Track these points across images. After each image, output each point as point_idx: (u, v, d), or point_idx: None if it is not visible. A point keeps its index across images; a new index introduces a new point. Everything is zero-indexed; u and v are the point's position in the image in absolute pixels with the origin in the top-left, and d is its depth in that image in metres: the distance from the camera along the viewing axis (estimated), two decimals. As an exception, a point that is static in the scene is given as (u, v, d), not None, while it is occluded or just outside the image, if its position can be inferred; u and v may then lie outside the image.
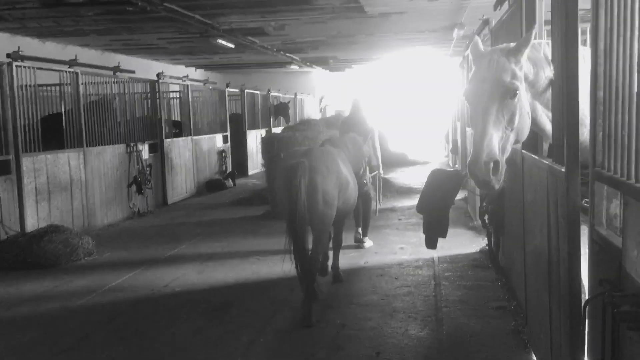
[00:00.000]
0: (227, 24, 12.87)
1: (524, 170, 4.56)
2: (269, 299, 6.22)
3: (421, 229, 5.93)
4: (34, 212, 8.84)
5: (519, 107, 3.57)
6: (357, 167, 6.95)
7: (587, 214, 3.01)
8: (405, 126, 27.39)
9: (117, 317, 5.88)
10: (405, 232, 9.21)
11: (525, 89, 3.66)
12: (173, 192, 13.40)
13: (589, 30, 2.88)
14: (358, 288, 6.52)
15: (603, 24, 2.69)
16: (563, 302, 3.28)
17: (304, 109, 27.47)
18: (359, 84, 27.90)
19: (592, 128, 2.87)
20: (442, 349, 4.87)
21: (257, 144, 18.06)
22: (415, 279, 6.75)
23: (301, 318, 5.46)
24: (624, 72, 2.48)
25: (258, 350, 4.95)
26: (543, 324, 4.00)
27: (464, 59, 11.07)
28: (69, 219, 9.52)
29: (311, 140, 10.85)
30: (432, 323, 5.39)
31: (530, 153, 4.34)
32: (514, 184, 5.03)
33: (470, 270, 6.97)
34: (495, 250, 6.47)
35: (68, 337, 5.36)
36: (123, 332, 5.48)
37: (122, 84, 11.70)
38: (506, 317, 5.43)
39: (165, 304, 6.26)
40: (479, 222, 7.44)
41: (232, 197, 13.70)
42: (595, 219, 2.89)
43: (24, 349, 5.18)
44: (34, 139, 8.85)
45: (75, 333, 5.48)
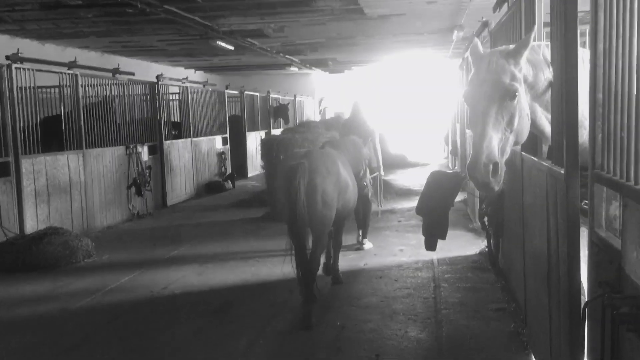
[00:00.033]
0: (226, 26, 12.87)
1: (524, 172, 4.56)
2: (269, 301, 6.22)
3: (421, 230, 5.94)
4: (33, 214, 8.84)
5: (519, 109, 3.57)
6: (357, 169, 6.98)
7: (587, 215, 3.01)
8: (404, 128, 27.37)
9: (117, 319, 5.88)
10: (405, 234, 9.20)
11: (524, 91, 3.66)
12: (172, 194, 13.40)
13: (588, 32, 2.88)
14: (357, 290, 6.52)
15: (602, 26, 2.69)
16: (563, 304, 3.28)
17: (304, 111, 27.46)
18: (358, 86, 27.90)
19: (591, 130, 2.87)
20: (441, 350, 4.87)
21: (256, 145, 18.03)
22: (415, 281, 6.75)
23: (301, 320, 5.47)
24: (623, 73, 2.48)
25: (258, 352, 4.95)
26: (543, 326, 3.99)
27: (464, 60, 11.08)
28: (68, 221, 9.52)
29: (311, 142, 10.84)
30: (432, 325, 5.38)
31: (530, 155, 4.34)
32: (514, 186, 5.03)
33: (470, 272, 6.97)
34: (495, 252, 6.47)
35: (68, 339, 5.36)
36: (123, 334, 5.48)
37: (121, 86, 11.70)
38: (506, 319, 5.43)
39: (165, 305, 6.27)
40: (479, 223, 7.45)
41: (232, 199, 13.69)
42: (595, 221, 2.89)
43: (24, 350, 5.18)
44: (33, 140, 8.86)
45: (74, 334, 5.48)
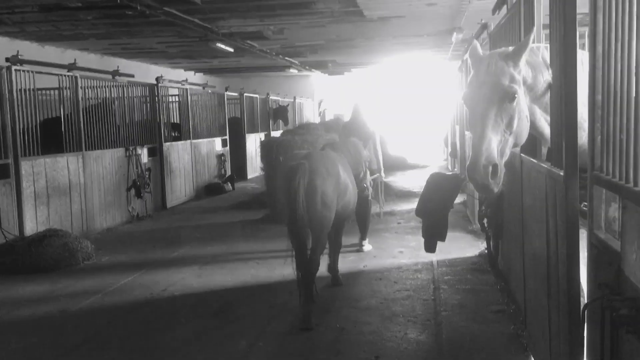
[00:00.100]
0: (226, 28, 12.87)
1: (523, 173, 4.56)
2: (268, 302, 6.22)
3: (420, 232, 5.94)
4: (32, 216, 8.84)
5: (518, 111, 3.58)
6: (357, 171, 7.00)
7: (586, 217, 3.01)
8: (404, 130, 27.39)
9: (116, 321, 5.88)
10: (405, 236, 9.20)
11: (523, 93, 3.66)
12: (172, 195, 13.40)
13: (587, 34, 2.89)
14: (357, 292, 6.52)
15: (601, 28, 2.69)
16: (562, 305, 3.28)
17: (303, 113, 27.45)
18: (358, 88, 27.90)
19: (590, 132, 2.87)
20: (441, 352, 4.87)
21: (256, 147, 18.03)
22: (415, 283, 6.74)
23: (300, 321, 5.46)
24: (622, 75, 2.48)
25: (257, 353, 4.95)
26: (542, 328, 3.99)
27: (463, 62, 11.08)
28: (67, 222, 9.52)
29: (310, 144, 10.85)
30: (431, 327, 5.38)
31: (529, 157, 4.35)
32: (513, 188, 5.04)
33: (469, 274, 6.97)
34: (494, 254, 6.47)
35: (68, 340, 5.36)
36: (122, 335, 5.48)
37: (121, 88, 11.71)
38: (505, 321, 5.43)
39: (165, 307, 6.26)
40: (478, 225, 7.44)
41: (231, 201, 13.69)
42: (594, 223, 2.89)
43: (24, 351, 5.17)
44: (33, 143, 8.86)
45: (74, 335, 5.47)
